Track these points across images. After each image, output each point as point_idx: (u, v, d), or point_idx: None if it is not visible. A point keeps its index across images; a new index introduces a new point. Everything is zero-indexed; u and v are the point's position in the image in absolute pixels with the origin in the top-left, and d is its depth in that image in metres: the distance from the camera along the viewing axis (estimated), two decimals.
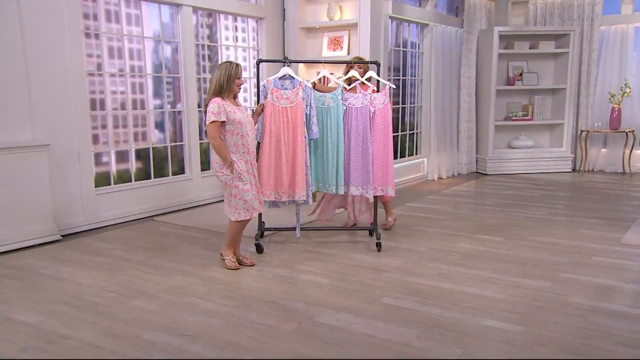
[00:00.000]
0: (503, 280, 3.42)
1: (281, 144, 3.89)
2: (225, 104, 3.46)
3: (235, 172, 3.49)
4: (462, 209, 5.53)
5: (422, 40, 7.07)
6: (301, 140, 3.92)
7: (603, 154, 7.71)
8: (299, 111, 3.91)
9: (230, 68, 3.49)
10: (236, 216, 3.57)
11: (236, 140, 3.51)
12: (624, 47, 7.34)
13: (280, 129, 3.89)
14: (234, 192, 3.53)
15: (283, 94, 3.90)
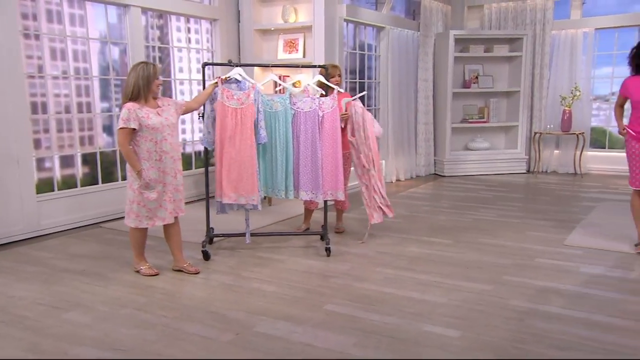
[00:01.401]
0: (447, 284, 3.45)
1: (229, 146, 3.80)
2: (139, 109, 3.34)
3: (142, 180, 3.37)
4: (416, 211, 5.57)
5: (379, 43, 7.10)
6: (250, 144, 3.86)
7: (556, 156, 7.91)
8: (249, 114, 3.83)
9: (148, 69, 3.35)
10: (137, 223, 3.45)
11: (149, 147, 3.39)
12: (574, 52, 7.55)
13: (228, 131, 3.81)
14: (136, 198, 3.40)
15: (234, 94, 3.82)
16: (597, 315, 2.92)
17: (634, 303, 3.09)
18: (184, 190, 3.61)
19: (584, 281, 3.45)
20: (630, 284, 3.43)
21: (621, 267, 3.72)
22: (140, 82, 3.32)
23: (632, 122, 3.95)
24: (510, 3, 7.81)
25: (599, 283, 3.42)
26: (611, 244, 4.21)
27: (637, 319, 2.87)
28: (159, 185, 3.43)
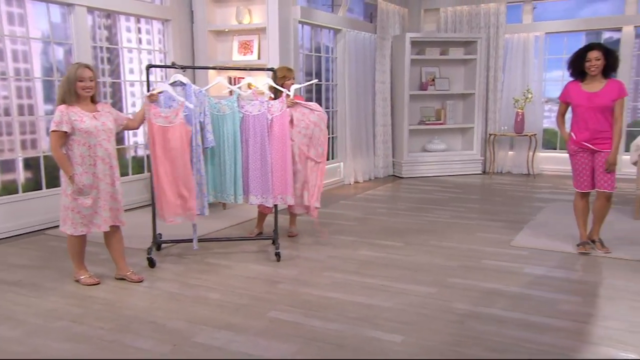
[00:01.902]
0: (394, 287, 3.45)
1: (160, 166, 3.67)
2: (72, 112, 3.24)
3: (75, 185, 3.26)
4: (371, 213, 5.59)
5: (336, 46, 7.10)
6: (183, 163, 3.70)
7: (510, 157, 8.09)
8: (178, 133, 3.67)
9: (72, 70, 3.25)
10: (72, 230, 3.34)
11: (82, 152, 3.28)
12: (526, 55, 7.73)
13: (157, 150, 3.65)
14: (70, 205, 3.30)
15: (161, 112, 3.68)
16: (535, 317, 2.97)
17: (572, 303, 3.17)
18: (122, 199, 3.48)
19: (527, 282, 3.52)
20: (570, 284, 3.51)
21: (563, 267, 3.81)
22: (65, 84, 3.23)
23: (574, 127, 4.04)
24: (465, 7, 7.94)
25: (540, 284, 3.49)
26: (556, 244, 4.31)
27: (573, 319, 2.93)
28: (93, 191, 3.31)
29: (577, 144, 3.99)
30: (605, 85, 3.91)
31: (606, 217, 4.12)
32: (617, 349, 2.60)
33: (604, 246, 4.11)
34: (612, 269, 3.76)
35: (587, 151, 3.99)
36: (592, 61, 3.86)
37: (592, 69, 3.87)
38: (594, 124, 3.92)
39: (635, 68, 7.39)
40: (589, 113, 3.92)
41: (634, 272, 3.67)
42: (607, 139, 3.93)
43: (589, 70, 3.89)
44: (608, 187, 3.99)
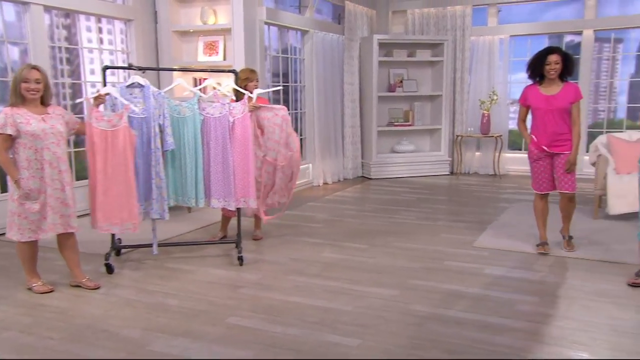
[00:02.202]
0: (355, 290, 3.45)
1: (100, 172, 3.52)
2: (18, 114, 3.14)
3: (21, 190, 3.16)
4: (338, 215, 5.58)
5: (303, 47, 7.08)
6: (125, 169, 3.56)
7: (477, 157, 8.20)
8: (122, 137, 3.54)
9: (18, 71, 3.18)
10: (19, 236, 3.24)
11: (28, 155, 3.18)
12: (491, 57, 7.84)
13: (97, 155, 3.51)
14: (17, 210, 3.20)
15: (104, 115, 3.56)
16: (493, 317, 3.00)
17: (529, 303, 3.21)
18: (74, 204, 3.37)
19: (487, 283, 3.55)
20: (528, 284, 3.56)
21: (522, 268, 3.86)
22: (12, 85, 3.15)
23: (533, 130, 4.11)
24: (432, 9, 8.02)
25: (499, 284, 3.53)
26: (517, 244, 4.37)
27: (530, 320, 2.97)
28: (40, 196, 3.21)
29: (539, 149, 4.05)
30: (563, 88, 3.98)
31: (573, 215, 4.21)
32: (569, 349, 2.64)
33: (569, 244, 4.19)
34: (569, 268, 3.83)
35: (548, 155, 4.06)
36: (551, 64, 3.92)
37: (552, 72, 3.93)
38: (552, 127, 3.99)
39: (595, 71, 7.57)
40: (548, 116, 3.99)
41: (591, 272, 3.74)
42: (566, 141, 4.01)
43: (548, 74, 3.95)
44: (569, 188, 4.08)
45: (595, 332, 2.80)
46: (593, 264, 3.91)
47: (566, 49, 7.65)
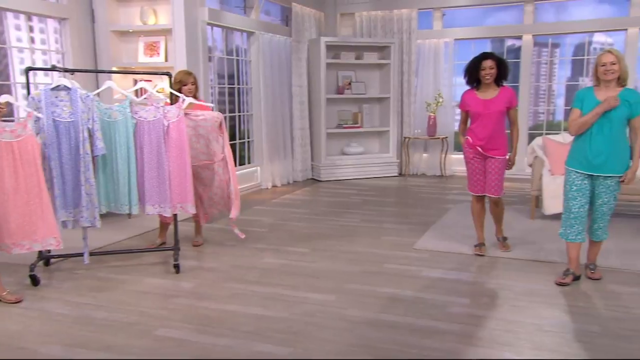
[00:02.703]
0: (292, 296, 3.42)
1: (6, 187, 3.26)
2: None
3: None
4: (284, 219, 5.54)
5: (250, 48, 7.00)
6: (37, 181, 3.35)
7: (424, 159, 8.33)
8: (30, 147, 3.34)
9: None
10: None
11: None
12: (437, 60, 7.99)
13: (4, 170, 3.26)
14: None
15: (6, 126, 3.32)
16: (425, 320, 3.03)
17: (461, 305, 3.26)
18: None
19: (423, 286, 3.59)
20: (462, 285, 3.62)
21: (458, 269, 3.93)
22: None
23: (470, 133, 4.19)
24: (379, 12, 8.09)
25: (435, 287, 3.57)
26: (456, 246, 4.45)
27: (460, 322, 3.02)
28: None
29: (473, 148, 4.13)
30: (499, 93, 4.08)
31: (504, 217, 4.32)
32: (495, 349, 2.70)
33: (504, 245, 4.30)
34: (502, 269, 3.92)
35: (481, 157, 4.15)
36: (486, 69, 4.01)
37: (487, 77, 4.02)
38: (489, 130, 4.07)
39: (534, 74, 7.84)
40: (486, 120, 4.07)
41: (523, 271, 3.85)
42: (500, 145, 4.11)
43: (484, 79, 4.04)
44: (495, 193, 4.17)
45: (521, 332, 2.88)
46: (526, 263, 4.02)
47: (507, 53, 7.91)
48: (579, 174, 3.47)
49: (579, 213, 3.49)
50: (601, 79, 3.39)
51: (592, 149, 3.39)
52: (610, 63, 3.32)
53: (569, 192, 3.51)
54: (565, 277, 3.55)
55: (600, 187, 3.44)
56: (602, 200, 3.47)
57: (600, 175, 3.42)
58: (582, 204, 3.47)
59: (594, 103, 3.37)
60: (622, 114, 3.34)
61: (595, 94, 3.41)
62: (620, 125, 3.37)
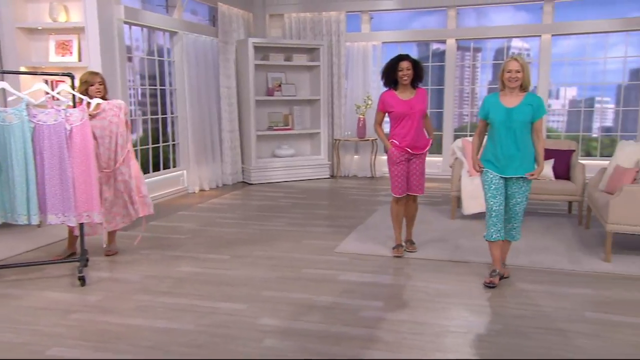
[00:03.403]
0: (202, 307, 3.29)
1: None
2: None
3: None
4: (208, 224, 5.38)
5: (173, 48, 6.77)
6: None
7: (355, 160, 8.39)
8: None
9: None
10: None
11: None
12: (366, 63, 8.06)
13: None
14: None
15: None
16: (337, 326, 3.00)
17: (373, 309, 3.25)
18: None
19: (339, 290, 3.56)
20: (377, 288, 3.61)
21: (376, 272, 3.92)
22: None
23: (395, 136, 4.20)
24: (308, 14, 8.07)
25: (350, 291, 3.55)
26: (377, 248, 4.46)
27: (370, 326, 3.00)
28: None
29: (401, 151, 4.15)
30: (416, 94, 4.14)
31: (424, 217, 4.40)
32: (401, 353, 2.69)
33: (413, 247, 4.37)
34: (419, 270, 3.96)
35: (407, 159, 4.18)
36: (403, 71, 4.05)
37: (405, 78, 4.06)
38: (414, 130, 4.11)
39: (459, 77, 8.07)
40: (409, 120, 4.10)
41: (438, 272, 3.90)
42: (423, 143, 4.19)
43: (402, 80, 4.07)
44: (420, 191, 4.26)
45: (429, 334, 2.90)
46: (442, 264, 4.08)
47: (433, 56, 8.10)
48: (495, 175, 3.57)
49: (499, 211, 3.57)
50: (505, 85, 3.52)
51: (502, 152, 3.52)
52: (515, 71, 3.44)
53: (489, 191, 3.60)
54: (492, 277, 3.60)
55: (513, 187, 3.57)
56: (515, 200, 3.58)
57: (512, 177, 3.55)
58: (501, 201, 3.57)
59: (501, 109, 3.51)
60: (526, 118, 3.48)
61: (500, 100, 3.54)
62: (525, 129, 3.51)
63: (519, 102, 3.48)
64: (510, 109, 3.48)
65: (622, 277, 3.72)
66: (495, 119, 3.52)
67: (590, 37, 7.45)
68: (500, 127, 3.51)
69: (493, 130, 3.59)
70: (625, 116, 7.53)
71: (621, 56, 7.42)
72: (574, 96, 7.85)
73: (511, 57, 3.53)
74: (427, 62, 8.11)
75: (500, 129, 3.51)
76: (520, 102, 3.48)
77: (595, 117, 7.78)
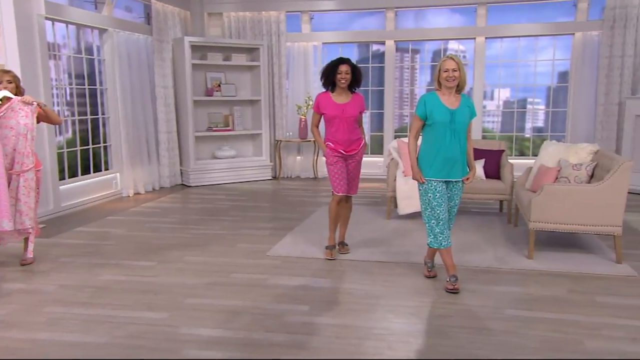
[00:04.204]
0: (120, 317, 3.13)
1: None
2: None
3: None
4: (138, 229, 5.17)
5: (103, 46, 6.49)
6: None
7: (298, 161, 8.33)
8: None
9: None
10: None
11: None
12: (306, 63, 8.02)
13: None
14: None
15: None
16: (258, 333, 2.91)
17: (299, 314, 3.18)
18: None
19: (266, 295, 3.48)
20: (304, 292, 3.54)
21: (306, 275, 3.86)
22: None
23: (329, 137, 4.16)
24: (247, 13, 7.94)
25: (277, 295, 3.48)
26: (311, 250, 4.41)
27: (294, 332, 2.94)
28: None
29: (336, 152, 4.12)
30: (352, 98, 4.13)
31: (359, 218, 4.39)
32: (323, 358, 2.64)
33: (345, 248, 4.35)
34: (348, 272, 3.93)
35: (343, 157, 4.16)
36: (342, 74, 4.02)
37: (343, 81, 4.03)
38: (347, 133, 4.10)
39: (398, 79, 8.17)
40: (343, 123, 4.09)
41: (368, 273, 3.89)
42: (357, 145, 4.17)
43: (340, 82, 4.04)
44: (353, 192, 4.27)
45: (352, 338, 2.86)
46: (373, 265, 4.07)
47: (373, 57, 8.16)
48: (439, 181, 3.47)
49: (446, 218, 3.50)
50: (443, 85, 3.44)
51: (447, 155, 3.43)
52: (452, 70, 3.36)
53: (434, 200, 3.48)
54: (454, 283, 3.49)
55: (454, 190, 3.54)
56: (454, 202, 3.57)
57: (451, 180, 3.50)
58: (446, 208, 3.51)
59: (445, 110, 3.41)
60: (467, 120, 3.46)
61: (441, 100, 3.44)
62: (464, 131, 3.47)
63: (459, 103, 3.44)
64: (454, 111, 3.41)
65: (543, 274, 3.82)
66: (439, 121, 3.41)
67: (522, 40, 7.70)
68: (444, 129, 3.41)
69: (434, 132, 3.45)
70: (555, 117, 7.84)
71: (550, 59, 7.72)
72: (507, 97, 8.10)
73: (447, 56, 3.42)
74: (368, 63, 8.16)
75: (445, 131, 3.41)
76: (460, 104, 3.44)
77: (527, 117, 8.06)
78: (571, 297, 3.39)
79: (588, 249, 4.37)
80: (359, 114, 4.18)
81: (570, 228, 3.98)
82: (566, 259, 4.07)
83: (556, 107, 7.80)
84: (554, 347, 2.74)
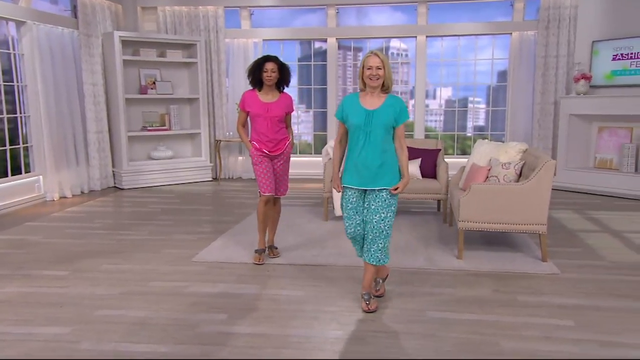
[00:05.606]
0: (16, 334, 2.84)
1: None
2: None
3: None
4: (56, 236, 4.82)
5: (21, 40, 6.06)
6: None
7: (240, 162, 8.09)
8: None
9: None
10: None
11: None
12: (247, 61, 7.78)
13: None
14: None
15: None
16: (167, 346, 2.70)
17: (215, 323, 2.99)
18: None
19: (184, 304, 3.26)
20: (224, 300, 3.35)
21: (230, 282, 3.66)
22: None
23: (255, 137, 3.99)
24: (183, 7, 7.65)
25: (195, 304, 3.26)
26: (239, 255, 4.21)
27: (205, 343, 2.74)
28: None
29: (260, 152, 3.98)
30: (279, 98, 3.99)
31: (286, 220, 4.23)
32: None
33: (274, 252, 4.20)
34: (275, 277, 3.76)
35: (269, 157, 4.01)
36: (268, 72, 3.88)
37: (268, 79, 3.88)
38: (272, 133, 3.98)
39: (341, 77, 8.07)
40: (267, 122, 3.96)
41: (295, 277, 3.73)
42: (283, 142, 4.04)
43: (266, 80, 3.90)
44: (283, 193, 4.13)
45: (266, 347, 2.70)
46: (302, 269, 3.91)
47: (315, 55, 8.03)
48: (353, 190, 3.13)
49: (354, 233, 3.15)
50: (367, 84, 3.10)
51: (362, 161, 3.06)
52: (376, 67, 3.00)
53: (345, 211, 3.16)
54: (367, 302, 3.15)
55: (377, 201, 3.06)
56: (379, 216, 3.05)
57: (373, 189, 3.08)
58: (358, 222, 3.13)
59: (360, 111, 3.06)
60: (389, 122, 3.05)
61: (360, 101, 3.09)
62: (387, 135, 3.07)
63: (380, 103, 3.05)
64: (371, 112, 3.04)
65: (470, 274, 3.77)
66: (353, 122, 3.06)
67: (462, 39, 7.76)
68: (358, 131, 3.05)
69: (351, 136, 3.12)
70: (495, 116, 7.95)
71: (489, 58, 7.81)
72: (449, 96, 8.15)
73: (370, 52, 3.04)
74: (310, 61, 8.02)
75: (359, 134, 3.05)
76: (382, 104, 3.05)
77: (469, 116, 8.13)
78: (494, 297, 3.34)
79: (517, 247, 4.37)
80: (285, 115, 4.03)
81: (497, 227, 3.96)
82: (495, 259, 4.05)
83: (496, 106, 7.91)
84: (469, 349, 2.67)
